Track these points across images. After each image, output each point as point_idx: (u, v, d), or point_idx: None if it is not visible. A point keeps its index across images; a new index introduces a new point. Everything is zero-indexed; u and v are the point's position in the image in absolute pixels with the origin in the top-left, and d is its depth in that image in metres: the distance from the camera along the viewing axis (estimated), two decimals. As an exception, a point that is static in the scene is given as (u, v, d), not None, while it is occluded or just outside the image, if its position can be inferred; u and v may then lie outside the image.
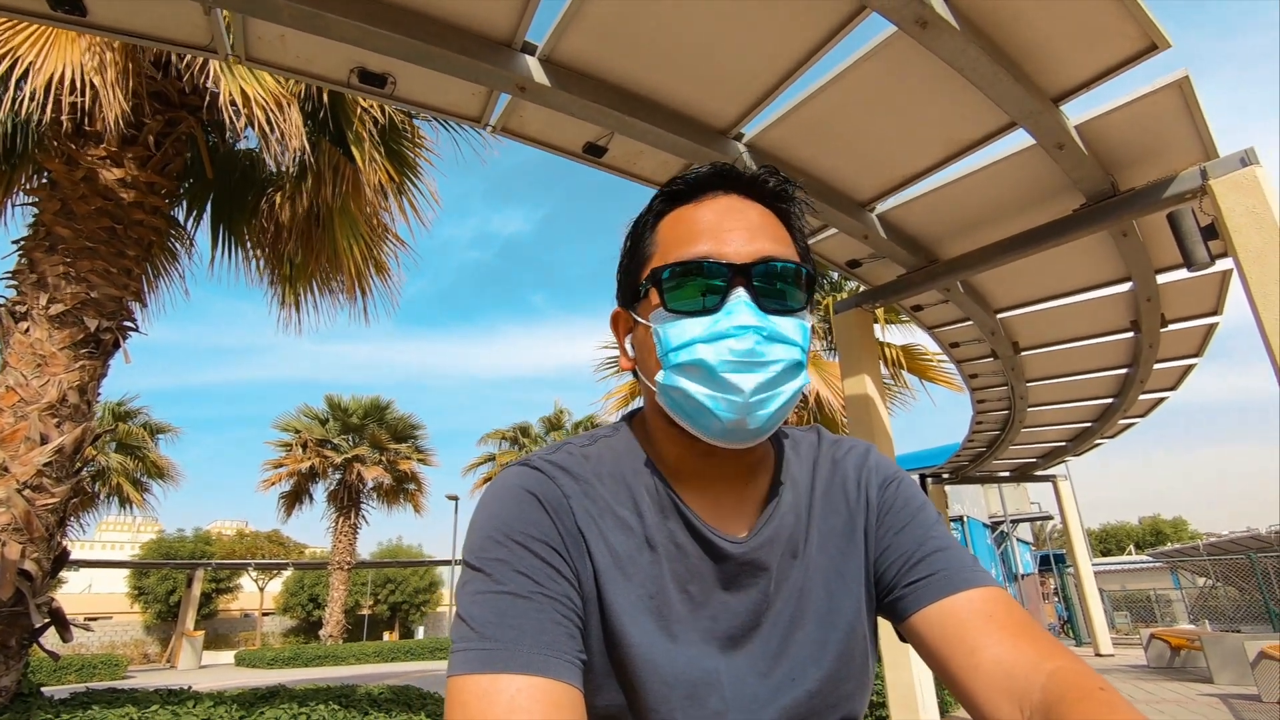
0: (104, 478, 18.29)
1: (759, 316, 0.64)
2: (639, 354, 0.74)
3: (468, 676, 0.55)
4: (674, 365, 0.66)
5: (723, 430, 0.65)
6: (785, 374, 0.65)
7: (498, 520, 0.64)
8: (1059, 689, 0.54)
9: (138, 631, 31.80)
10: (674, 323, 0.66)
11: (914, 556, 0.70)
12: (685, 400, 0.65)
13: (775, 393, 0.65)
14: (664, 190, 0.74)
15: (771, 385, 0.64)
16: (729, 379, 0.63)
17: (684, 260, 0.67)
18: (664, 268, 0.68)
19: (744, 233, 0.68)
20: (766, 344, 0.64)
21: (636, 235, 0.76)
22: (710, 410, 0.64)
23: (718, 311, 0.65)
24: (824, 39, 2.59)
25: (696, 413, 0.65)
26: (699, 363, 0.64)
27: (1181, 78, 2.77)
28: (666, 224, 0.72)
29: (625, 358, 0.78)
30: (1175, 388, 6.99)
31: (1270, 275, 2.79)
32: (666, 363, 0.67)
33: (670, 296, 0.67)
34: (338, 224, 5.97)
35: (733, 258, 0.66)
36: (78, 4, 2.38)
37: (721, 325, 0.64)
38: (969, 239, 4.01)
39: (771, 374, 0.64)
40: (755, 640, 0.67)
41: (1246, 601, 14.34)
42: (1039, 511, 25.24)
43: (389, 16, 2.39)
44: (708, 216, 0.70)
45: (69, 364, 4.37)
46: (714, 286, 0.66)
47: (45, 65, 4.15)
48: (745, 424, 0.64)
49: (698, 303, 0.66)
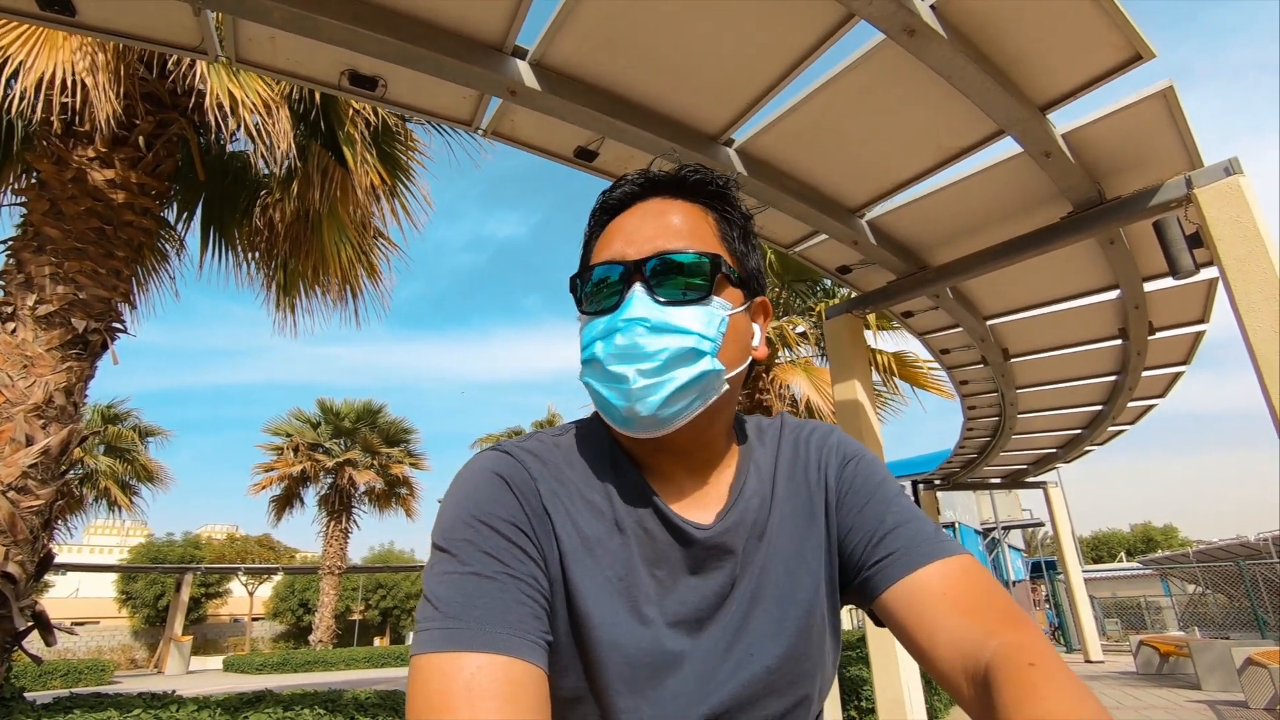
0: (92, 480, 18.11)
1: (648, 308, 0.68)
2: None
3: (430, 655, 0.55)
4: (584, 362, 0.71)
5: (622, 419, 0.68)
6: (674, 361, 0.67)
7: (466, 502, 0.65)
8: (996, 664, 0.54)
9: (125, 636, 31.50)
10: (588, 324, 0.72)
11: (875, 534, 0.71)
12: (594, 394, 0.70)
13: (664, 379, 0.66)
14: (597, 205, 0.79)
15: (657, 373, 0.66)
16: (614, 370, 0.67)
17: (590, 265, 0.73)
18: (577, 274, 0.74)
19: (650, 231, 0.72)
20: (650, 335, 0.67)
21: (583, 249, 0.80)
22: (609, 400, 0.68)
23: (618, 309, 0.69)
24: (813, 46, 2.61)
25: (603, 405, 0.70)
26: (593, 357, 0.69)
27: (1166, 88, 2.80)
28: (600, 235, 0.77)
29: None
30: (1164, 395, 7.04)
31: (1254, 284, 2.82)
32: (581, 360, 0.72)
33: (586, 300, 0.73)
34: (328, 227, 5.95)
35: (631, 256, 0.70)
36: (67, 4, 2.38)
37: (615, 321, 0.68)
38: (959, 245, 4.03)
39: (657, 362, 0.66)
40: (719, 620, 0.68)
41: (1236, 609, 14.42)
42: (1030, 518, 25.34)
43: (380, 19, 2.40)
44: (628, 223, 0.74)
45: (56, 365, 4.34)
46: (614, 286, 0.70)
47: (36, 64, 4.12)
48: (636, 411, 0.67)
49: (604, 302, 0.71)
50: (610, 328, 0.68)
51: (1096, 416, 7.66)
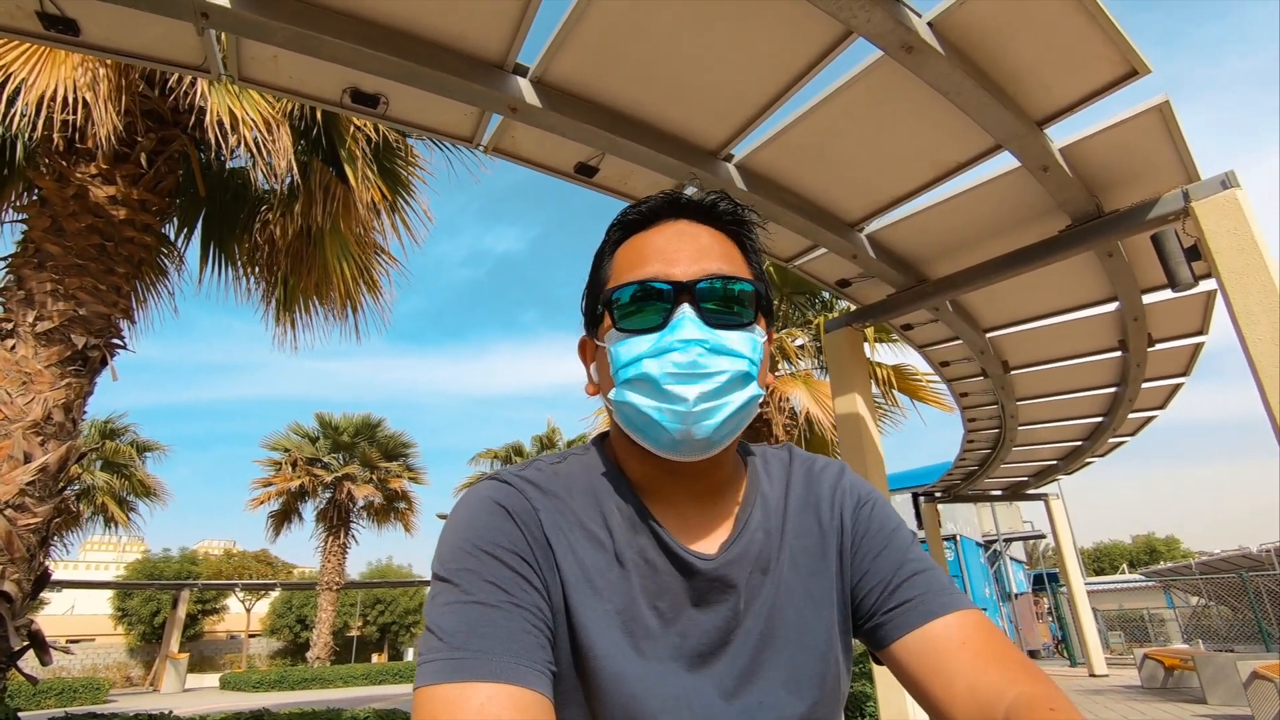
0: (89, 496, 18.03)
1: (703, 330, 0.66)
2: (601, 376, 0.75)
3: (436, 686, 0.55)
4: (624, 381, 0.68)
5: (671, 442, 0.66)
6: (731, 385, 0.66)
7: (467, 531, 0.64)
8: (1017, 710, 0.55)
9: (121, 654, 31.21)
10: (624, 341, 0.69)
11: (891, 582, 0.71)
12: (635, 414, 0.67)
13: (722, 402, 0.66)
14: (618, 220, 0.77)
15: (716, 395, 0.65)
16: (672, 390, 0.65)
17: (633, 281, 0.70)
18: (614, 289, 0.71)
19: (691, 253, 0.71)
20: (710, 356, 0.66)
21: (596, 264, 0.79)
22: (657, 422, 0.66)
23: (664, 328, 0.67)
24: (812, 62, 2.63)
25: (646, 425, 0.67)
26: (645, 376, 0.66)
27: (1162, 102, 2.82)
28: (621, 251, 0.75)
29: (590, 383, 0.79)
30: (1164, 406, 7.04)
31: (1253, 296, 2.83)
32: (618, 379, 0.69)
33: (620, 316, 0.70)
34: (329, 242, 5.97)
35: (679, 276, 0.69)
36: (71, 24, 2.40)
37: (666, 340, 0.66)
38: (958, 259, 4.04)
39: (716, 384, 0.65)
40: (724, 658, 0.67)
41: (1239, 621, 14.32)
42: (1032, 530, 25.25)
43: (382, 38, 2.42)
44: (658, 241, 0.73)
45: (55, 382, 4.33)
46: (661, 305, 0.68)
47: (38, 82, 4.15)
48: (692, 434, 0.65)
49: (646, 321, 0.69)
50: (664, 347, 0.66)
51: (1097, 428, 7.65)
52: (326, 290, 6.35)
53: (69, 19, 2.38)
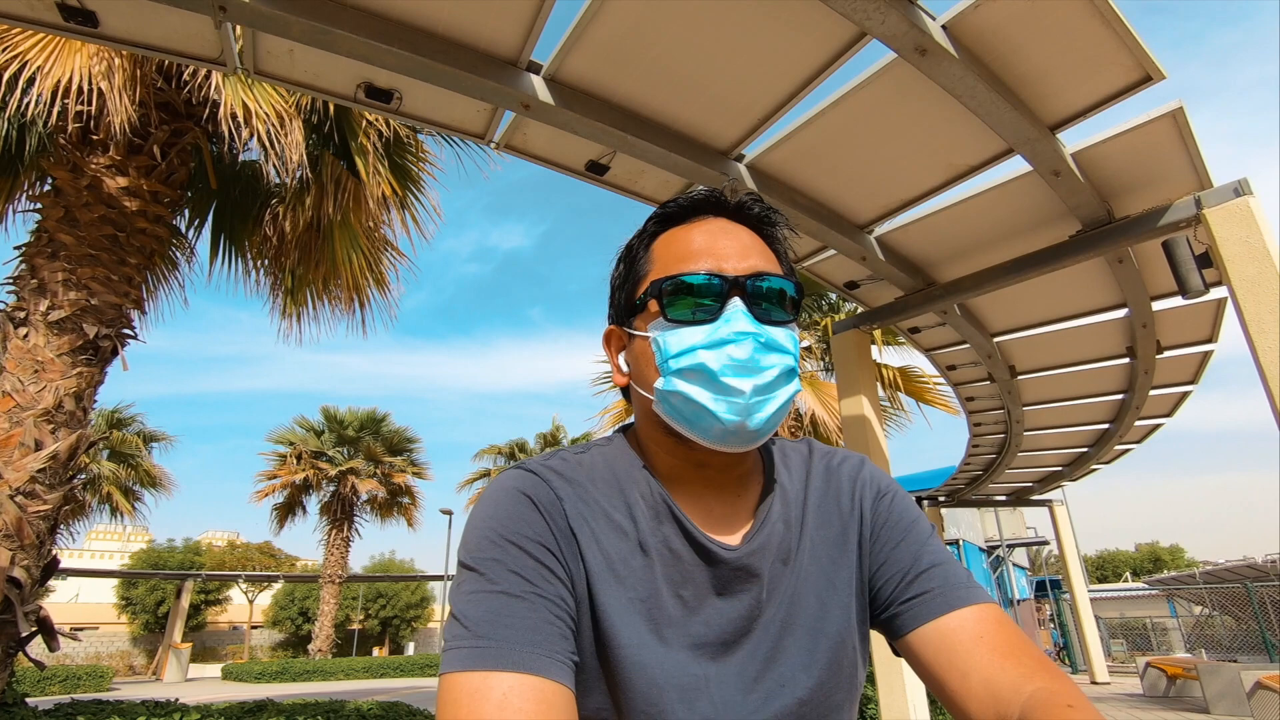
0: (95, 486, 18.15)
1: (754, 325, 0.68)
2: (635, 366, 0.76)
3: (460, 674, 0.56)
4: (675, 371, 0.69)
5: (723, 432, 0.67)
6: (781, 379, 0.68)
7: (493, 521, 0.65)
8: (1034, 705, 0.56)
9: (124, 643, 31.43)
10: (673, 331, 0.70)
11: (910, 573, 0.72)
12: (686, 405, 0.68)
13: (772, 396, 0.68)
14: (658, 213, 0.78)
15: (769, 389, 0.67)
16: (729, 382, 0.66)
17: (684, 273, 0.71)
18: (665, 279, 0.71)
19: (737, 249, 0.72)
20: (763, 351, 0.68)
21: (631, 255, 0.79)
22: (712, 413, 0.66)
23: (716, 320, 0.68)
24: (825, 64, 2.63)
25: (697, 416, 0.68)
26: (700, 367, 0.67)
27: (1176, 108, 2.81)
28: (661, 243, 0.76)
29: (619, 373, 0.79)
30: (1171, 414, 7.01)
31: (1265, 304, 2.82)
32: (666, 369, 0.69)
33: (670, 307, 0.71)
34: (338, 236, 5.99)
35: (729, 271, 0.70)
36: (90, 16, 2.42)
37: (722, 332, 0.67)
38: (967, 262, 4.04)
39: (768, 378, 0.67)
40: (746, 646, 0.68)
41: (1243, 631, 14.26)
42: (1035, 536, 25.14)
43: (397, 34, 2.43)
44: (701, 236, 0.74)
45: (66, 370, 4.36)
46: (713, 297, 0.70)
47: (53, 70, 4.18)
48: (745, 425, 0.66)
49: (698, 312, 0.69)
50: (720, 339, 0.67)
51: (1103, 435, 7.63)
52: (334, 284, 6.37)
53: (88, 10, 2.41)
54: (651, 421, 0.75)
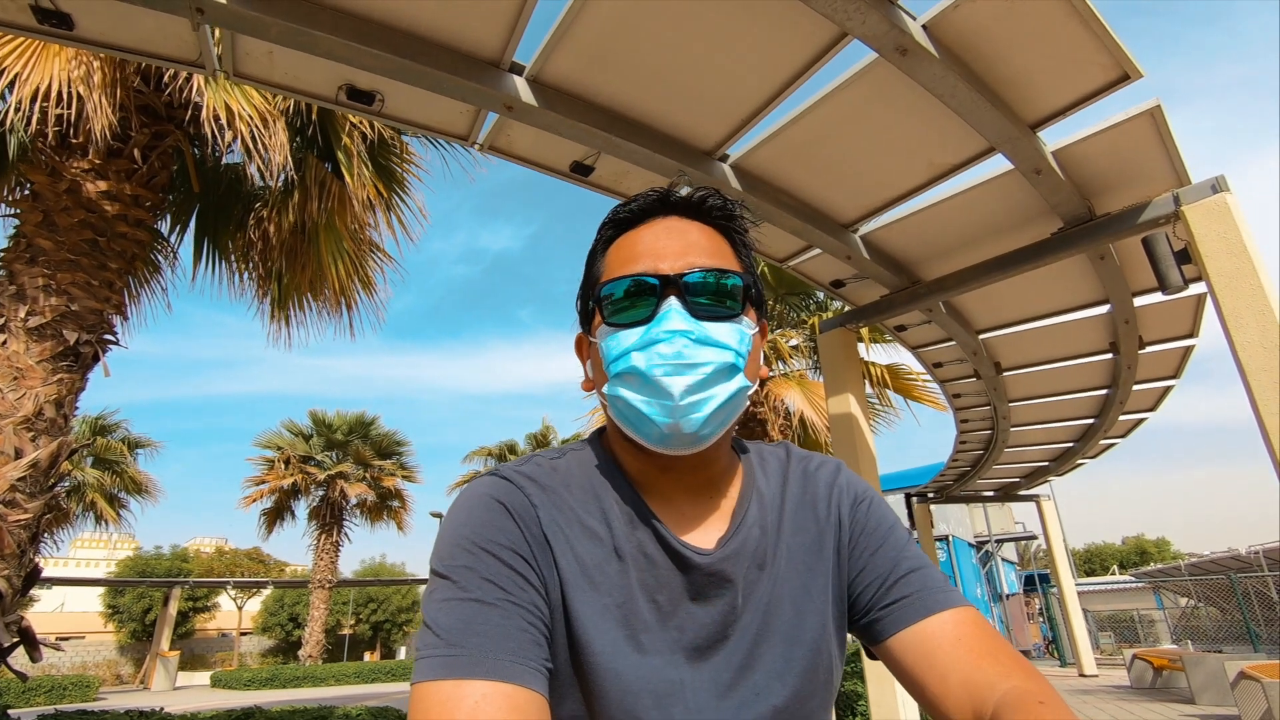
0: (79, 493, 17.92)
1: (688, 321, 0.67)
2: (595, 372, 0.76)
3: (432, 683, 0.55)
4: (615, 375, 0.69)
5: (660, 435, 0.67)
6: (717, 376, 0.67)
7: (465, 528, 0.65)
8: (1008, 703, 0.57)
9: (111, 652, 31.05)
10: (613, 335, 0.70)
11: (889, 578, 0.72)
12: (627, 409, 0.68)
13: (708, 395, 0.66)
14: (610, 218, 0.78)
15: (702, 387, 0.66)
16: (659, 382, 0.65)
17: (619, 276, 0.71)
18: (603, 284, 0.72)
19: (679, 248, 0.72)
20: (695, 347, 0.66)
21: (590, 262, 0.79)
22: (646, 416, 0.66)
23: (651, 320, 0.68)
24: (807, 64, 2.64)
25: (637, 420, 0.68)
26: (633, 369, 0.67)
27: (1154, 106, 2.84)
28: (613, 248, 0.76)
29: (586, 379, 0.80)
30: (1154, 409, 7.09)
31: (1242, 299, 2.85)
32: (609, 373, 0.70)
33: (609, 311, 0.71)
34: (324, 239, 5.96)
35: (665, 270, 0.70)
36: (65, 18, 2.39)
37: (652, 332, 0.67)
38: (951, 260, 4.06)
39: (701, 376, 0.66)
40: (721, 652, 0.68)
41: (1228, 622, 14.44)
42: (1023, 531, 25.37)
43: (378, 35, 2.41)
44: (647, 237, 0.74)
45: (46, 377, 4.31)
46: (649, 299, 0.69)
47: (32, 76, 4.13)
48: (680, 428, 0.66)
49: (633, 314, 0.69)
50: (650, 339, 0.67)
51: (1088, 430, 7.70)
52: (321, 287, 6.34)
53: (63, 13, 2.38)
54: (615, 426, 0.75)
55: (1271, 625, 13.06)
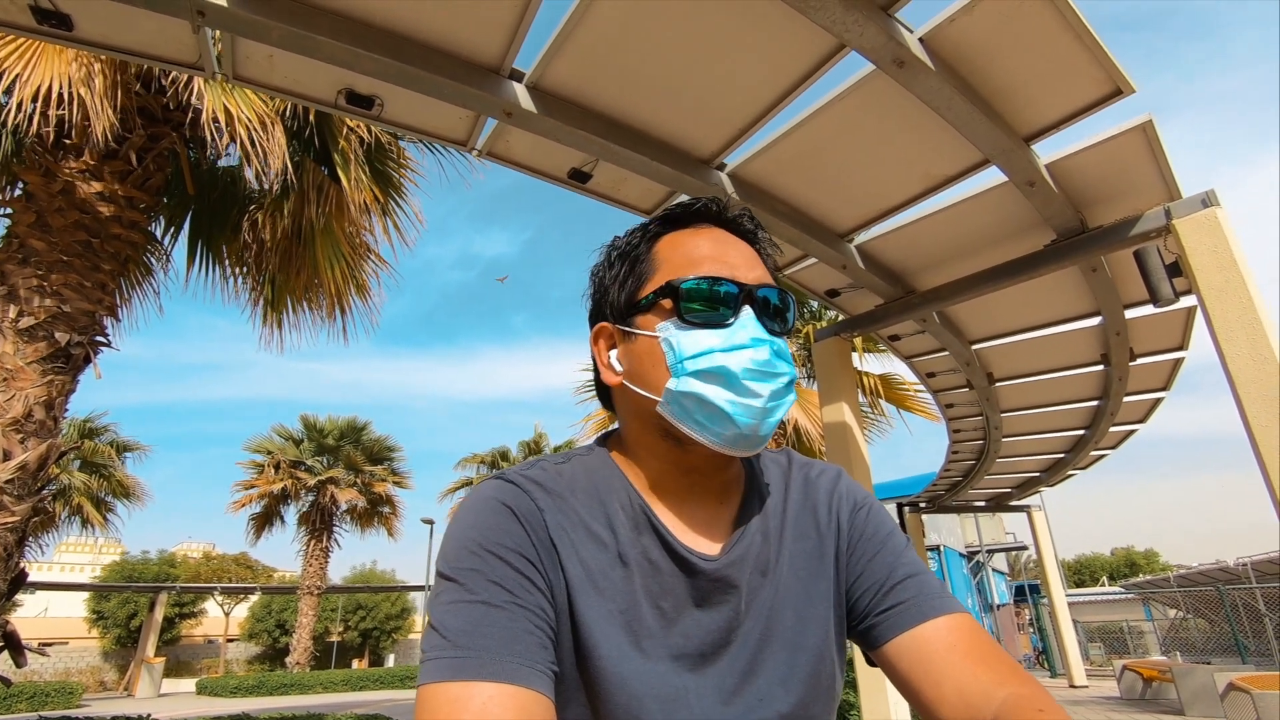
0: (65, 496, 17.73)
1: (765, 333, 0.70)
2: (637, 365, 0.74)
3: (439, 684, 0.55)
4: (691, 372, 0.69)
5: (736, 436, 0.68)
6: (787, 388, 0.71)
7: (472, 531, 0.65)
8: (1006, 712, 0.57)
9: (95, 658, 30.64)
10: (688, 332, 0.70)
11: (885, 584, 0.73)
12: (699, 406, 0.68)
13: (781, 402, 0.70)
14: (663, 214, 0.80)
15: (779, 395, 0.69)
16: (749, 385, 0.67)
17: (702, 276, 0.72)
18: (682, 280, 0.72)
19: (746, 260, 0.75)
20: (777, 359, 0.70)
21: (631, 254, 0.79)
22: (729, 415, 0.67)
23: (731, 325, 0.70)
24: (805, 74, 2.66)
25: (710, 419, 0.68)
26: (720, 369, 0.68)
27: (1145, 121, 2.88)
28: (666, 244, 0.77)
29: (610, 371, 0.78)
30: (1145, 420, 7.13)
31: (1232, 312, 2.89)
32: (680, 370, 0.69)
33: (686, 308, 0.71)
34: (320, 243, 5.94)
35: (743, 279, 0.72)
36: (65, 19, 2.38)
37: (739, 338, 0.69)
38: (945, 271, 4.09)
39: (780, 384, 0.69)
40: (725, 658, 0.68)
41: (1216, 633, 14.50)
42: (1014, 542, 25.44)
43: (379, 40, 2.42)
44: (708, 243, 0.75)
45: (37, 379, 4.27)
46: (728, 303, 0.71)
47: (33, 77, 4.12)
48: (758, 429, 0.68)
49: (711, 316, 0.71)
50: (738, 343, 0.69)
51: (1079, 441, 7.74)
52: (315, 291, 6.32)
53: (63, 14, 2.37)
54: (645, 423, 0.74)
55: (1260, 637, 13.13)
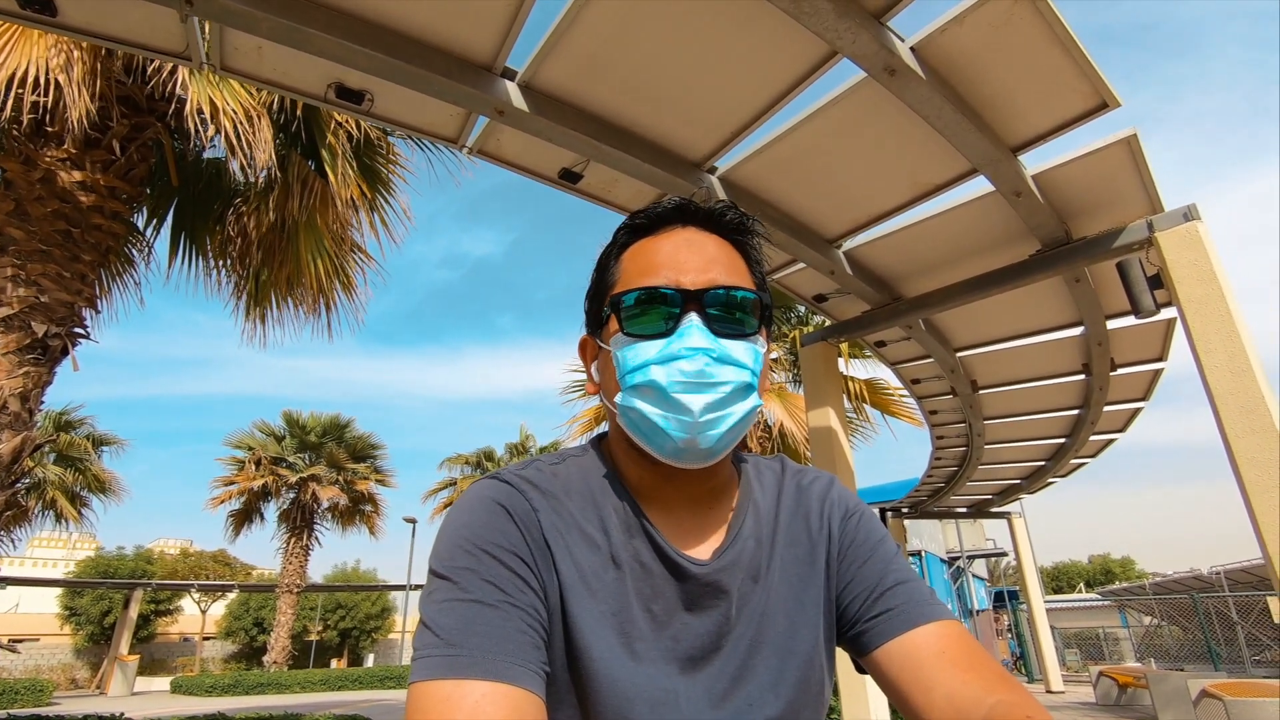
0: (39, 490, 17.41)
1: (709, 339, 0.67)
2: (602, 378, 0.76)
3: (431, 682, 0.55)
4: (630, 386, 0.69)
5: (675, 449, 0.67)
6: (734, 395, 0.68)
7: (467, 530, 0.64)
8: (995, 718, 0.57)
9: (66, 655, 30.09)
10: (631, 346, 0.70)
11: (875, 591, 0.73)
12: (641, 420, 0.68)
13: (725, 413, 0.67)
14: (627, 223, 0.78)
15: (721, 405, 0.67)
16: (679, 399, 0.66)
17: (640, 287, 0.70)
18: (622, 294, 0.71)
19: (699, 262, 0.72)
20: (716, 365, 0.67)
21: (602, 265, 0.79)
22: (663, 430, 0.67)
23: (671, 335, 0.68)
24: (797, 80, 2.68)
25: (651, 432, 0.68)
26: (652, 383, 0.67)
27: (1130, 135, 2.92)
28: (629, 255, 0.76)
29: (591, 383, 0.79)
30: (1124, 429, 7.24)
31: (1211, 324, 2.93)
32: (624, 384, 0.69)
33: (628, 321, 0.71)
34: (304, 238, 5.88)
35: (687, 285, 0.70)
36: (48, 4, 2.34)
37: (673, 347, 0.67)
38: (931, 278, 4.13)
39: (720, 394, 0.67)
40: (715, 662, 0.68)
41: (1190, 641, 14.71)
42: (994, 548, 25.68)
43: (370, 34, 2.40)
44: (666, 248, 0.73)
45: (12, 370, 4.19)
46: (669, 312, 0.69)
47: (8, 62, 4.04)
48: (696, 443, 0.66)
49: (653, 327, 0.69)
50: (671, 354, 0.67)
51: (1060, 449, 7.83)
52: (299, 286, 6.25)
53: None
54: (620, 433, 0.75)
55: (1232, 644, 13.34)
